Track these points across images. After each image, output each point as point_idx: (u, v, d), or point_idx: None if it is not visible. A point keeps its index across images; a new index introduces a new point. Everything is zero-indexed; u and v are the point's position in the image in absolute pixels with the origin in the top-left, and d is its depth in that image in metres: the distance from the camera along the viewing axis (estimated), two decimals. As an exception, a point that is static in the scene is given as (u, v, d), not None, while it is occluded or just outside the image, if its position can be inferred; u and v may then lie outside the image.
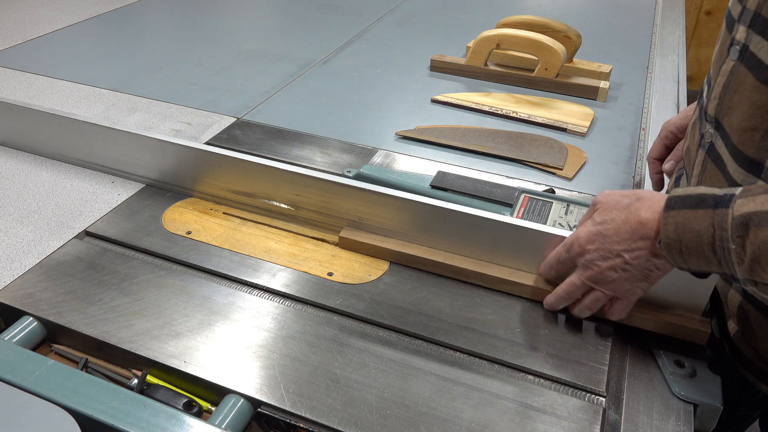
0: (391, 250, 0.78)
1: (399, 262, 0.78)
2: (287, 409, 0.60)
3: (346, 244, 0.80)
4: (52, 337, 0.70)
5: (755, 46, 0.60)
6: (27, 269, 0.75)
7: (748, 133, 0.62)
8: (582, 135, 1.12)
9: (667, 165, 0.87)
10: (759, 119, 0.61)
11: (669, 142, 0.88)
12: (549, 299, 0.71)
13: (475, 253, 0.76)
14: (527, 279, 0.74)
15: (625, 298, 0.66)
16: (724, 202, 0.53)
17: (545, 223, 0.79)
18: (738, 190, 0.54)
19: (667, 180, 0.90)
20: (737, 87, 0.63)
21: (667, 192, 0.81)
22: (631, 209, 0.61)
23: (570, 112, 1.19)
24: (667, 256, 0.57)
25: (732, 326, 0.73)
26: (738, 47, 0.63)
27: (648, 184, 0.98)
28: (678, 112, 1.21)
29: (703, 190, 0.56)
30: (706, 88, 0.72)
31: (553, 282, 0.72)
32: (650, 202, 0.60)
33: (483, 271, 0.75)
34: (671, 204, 0.56)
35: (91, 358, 0.68)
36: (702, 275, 0.65)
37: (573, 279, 0.67)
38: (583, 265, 0.65)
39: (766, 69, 0.59)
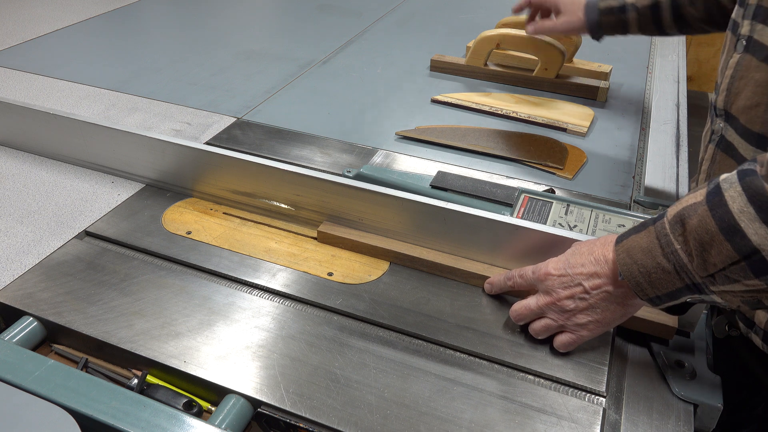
0: (368, 245, 0.79)
1: (379, 257, 0.79)
2: (287, 409, 0.60)
3: (324, 239, 0.81)
4: (52, 337, 0.70)
5: (759, 34, 0.69)
6: (27, 269, 0.75)
7: (753, 110, 0.69)
8: (582, 135, 1.12)
9: None
10: (761, 95, 0.67)
11: None
12: (513, 310, 0.69)
13: (474, 254, 0.76)
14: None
15: (573, 333, 0.65)
16: (660, 217, 0.59)
17: (545, 223, 0.79)
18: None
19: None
20: (743, 74, 0.70)
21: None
22: (596, 243, 0.65)
23: (570, 112, 1.19)
24: (631, 284, 0.59)
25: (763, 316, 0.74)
26: (744, 40, 0.71)
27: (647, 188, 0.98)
28: (678, 112, 1.21)
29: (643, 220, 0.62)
30: (714, 96, 0.78)
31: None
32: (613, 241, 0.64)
33: (457, 266, 0.75)
34: (620, 238, 0.62)
35: (91, 358, 0.68)
36: (679, 311, 0.68)
37: (530, 303, 0.67)
38: (544, 290, 0.66)
39: (767, 49, 0.67)
